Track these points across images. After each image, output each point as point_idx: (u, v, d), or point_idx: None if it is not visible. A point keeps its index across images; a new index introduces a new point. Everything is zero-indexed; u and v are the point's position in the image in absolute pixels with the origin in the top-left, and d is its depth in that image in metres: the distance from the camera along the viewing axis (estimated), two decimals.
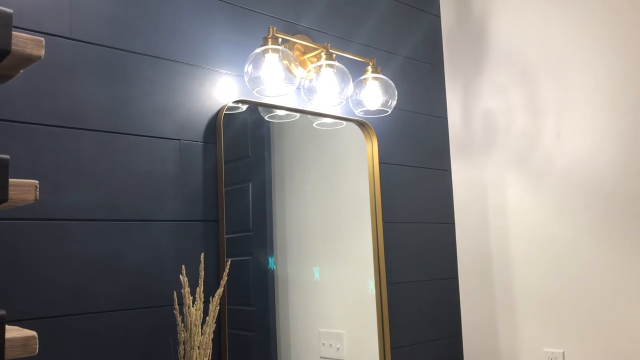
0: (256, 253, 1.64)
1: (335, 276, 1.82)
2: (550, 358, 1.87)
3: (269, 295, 1.64)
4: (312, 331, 1.73)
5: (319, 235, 1.81)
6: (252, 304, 1.61)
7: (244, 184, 1.65)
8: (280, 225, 1.70)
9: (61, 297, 1.22)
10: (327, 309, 1.78)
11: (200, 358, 1.23)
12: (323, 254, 1.81)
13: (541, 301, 1.91)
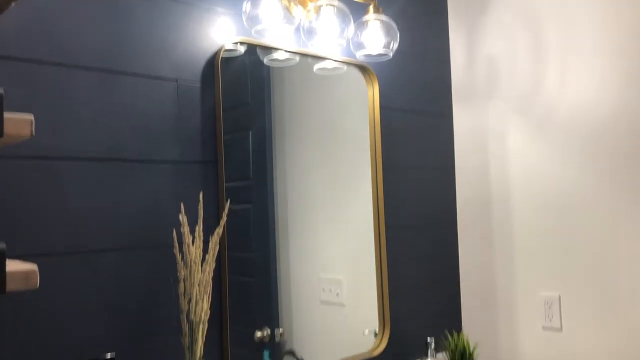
0: (256, 201, 1.65)
1: (335, 223, 1.83)
2: (547, 301, 1.89)
3: (269, 242, 1.65)
4: (312, 277, 1.75)
5: (320, 182, 1.81)
6: (253, 251, 1.62)
7: (243, 132, 1.64)
8: (281, 173, 1.69)
9: (61, 236, 1.22)
10: (327, 255, 1.79)
11: (200, 295, 1.24)
12: (323, 201, 1.81)
13: (539, 247, 1.92)
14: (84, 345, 1.24)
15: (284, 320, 1.66)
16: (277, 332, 1.64)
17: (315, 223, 1.77)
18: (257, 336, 1.60)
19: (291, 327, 1.67)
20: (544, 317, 1.90)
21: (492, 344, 2.04)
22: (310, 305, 1.73)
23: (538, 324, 1.92)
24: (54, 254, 1.21)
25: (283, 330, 1.65)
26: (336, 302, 1.81)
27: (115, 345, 1.29)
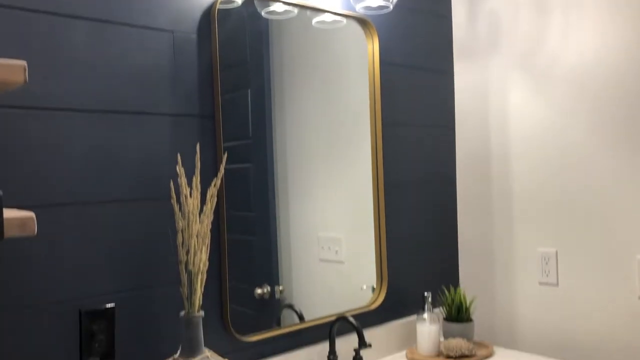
0: (256, 160, 1.64)
1: (334, 181, 1.83)
2: (544, 257, 1.91)
3: (269, 201, 1.66)
4: (312, 235, 1.76)
5: (319, 140, 1.80)
6: (253, 210, 1.62)
7: (242, 91, 1.62)
8: (280, 132, 1.68)
9: (57, 187, 1.22)
10: (326, 213, 1.80)
11: (198, 246, 1.25)
12: (323, 160, 1.81)
13: (538, 203, 1.93)
14: (83, 295, 1.26)
15: (284, 277, 1.68)
16: (277, 289, 1.66)
17: (314, 182, 1.77)
18: (257, 293, 1.62)
19: (291, 284, 1.69)
20: (541, 272, 1.91)
21: (488, 299, 2.07)
22: (309, 263, 1.75)
23: (535, 279, 1.94)
24: (51, 205, 1.21)
25: (283, 288, 1.67)
26: (335, 260, 1.82)
27: (115, 296, 1.31)
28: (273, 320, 1.65)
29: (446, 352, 1.79)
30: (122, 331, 1.31)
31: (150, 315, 1.36)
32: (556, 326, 1.88)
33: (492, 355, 1.84)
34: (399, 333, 1.91)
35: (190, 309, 1.26)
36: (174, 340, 1.39)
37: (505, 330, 2.02)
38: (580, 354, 1.82)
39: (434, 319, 1.82)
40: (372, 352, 1.82)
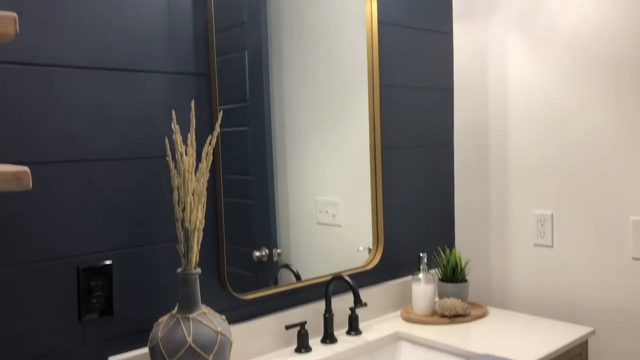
0: (253, 123, 1.63)
1: (332, 144, 1.82)
2: (539, 219, 1.92)
3: (266, 165, 1.65)
4: (309, 199, 1.76)
5: (317, 103, 1.79)
6: (251, 174, 1.62)
7: (239, 52, 1.60)
8: (278, 94, 1.67)
9: (51, 144, 1.22)
10: (323, 177, 1.80)
11: (194, 204, 1.25)
12: (320, 123, 1.80)
13: (534, 166, 1.93)
14: (80, 253, 1.27)
15: (282, 241, 1.69)
16: (275, 252, 1.67)
17: (312, 145, 1.77)
18: (255, 255, 1.63)
19: (289, 247, 1.70)
20: (536, 234, 1.93)
21: (483, 261, 2.09)
22: (307, 226, 1.75)
23: (530, 241, 1.95)
24: (46, 162, 1.21)
25: (281, 251, 1.68)
26: (332, 223, 1.83)
27: (112, 253, 1.32)
28: (270, 280, 1.66)
29: (441, 311, 1.81)
30: (119, 288, 1.33)
31: (148, 273, 1.38)
32: (550, 287, 1.90)
33: (486, 315, 1.87)
34: (394, 293, 1.94)
35: (187, 266, 1.27)
36: (171, 297, 1.41)
37: (500, 291, 2.04)
38: (574, 315, 1.84)
39: (429, 279, 1.84)
40: (367, 312, 1.85)
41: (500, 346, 1.57)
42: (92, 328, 1.29)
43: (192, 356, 1.20)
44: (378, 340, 1.70)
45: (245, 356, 1.54)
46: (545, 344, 1.57)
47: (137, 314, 1.36)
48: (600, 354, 1.79)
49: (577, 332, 1.67)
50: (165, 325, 1.25)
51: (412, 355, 1.70)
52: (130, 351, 1.34)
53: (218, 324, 1.26)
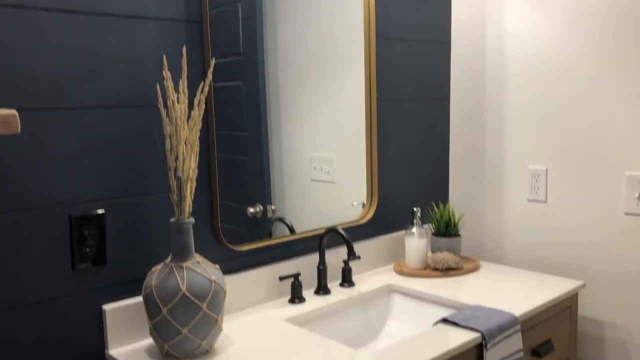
0: (247, 77, 1.60)
1: (327, 99, 1.80)
2: (534, 174, 1.92)
3: (261, 121, 1.64)
4: (304, 156, 1.75)
5: (312, 57, 1.75)
6: (245, 130, 1.60)
7: (232, 5, 1.56)
8: (272, 47, 1.64)
9: (40, 90, 1.19)
10: (318, 134, 1.78)
11: (187, 153, 1.24)
12: (315, 77, 1.77)
13: (530, 121, 1.92)
14: (73, 201, 1.26)
15: (276, 198, 1.68)
16: (270, 208, 1.67)
17: (306, 100, 1.74)
18: (249, 212, 1.63)
19: (283, 204, 1.70)
20: (530, 189, 1.93)
21: (477, 216, 2.10)
22: (301, 183, 1.75)
23: (524, 196, 1.96)
24: (36, 108, 1.19)
25: (275, 208, 1.68)
26: (327, 180, 1.82)
27: (105, 202, 1.31)
28: (264, 233, 1.67)
29: (433, 264, 1.83)
30: (113, 237, 1.33)
31: (141, 222, 1.37)
32: (542, 242, 1.92)
33: (478, 268, 1.89)
34: (387, 247, 1.95)
35: (180, 215, 1.27)
36: (165, 247, 1.41)
37: (493, 245, 2.06)
38: (565, 269, 1.87)
39: (423, 233, 1.85)
40: (361, 265, 1.86)
41: (492, 298, 1.59)
42: (86, 277, 1.29)
43: (186, 304, 1.21)
44: (371, 292, 1.72)
45: (239, 306, 1.55)
46: (536, 297, 1.60)
47: (131, 263, 1.36)
48: (590, 306, 1.81)
49: (568, 285, 1.69)
50: (159, 274, 1.25)
51: (404, 306, 1.72)
52: (124, 300, 1.35)
53: (212, 273, 1.27)
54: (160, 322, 1.22)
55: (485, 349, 1.35)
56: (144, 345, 1.34)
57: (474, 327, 1.37)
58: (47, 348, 1.24)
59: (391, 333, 1.68)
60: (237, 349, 1.31)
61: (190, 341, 1.23)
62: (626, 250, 1.72)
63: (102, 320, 1.32)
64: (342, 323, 1.63)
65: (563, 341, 1.69)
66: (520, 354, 1.45)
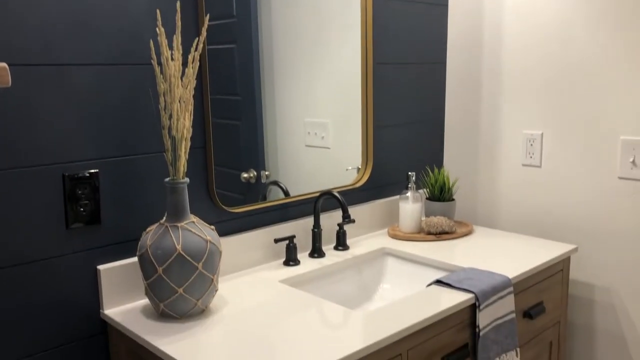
0: (240, 40, 1.57)
1: (322, 63, 1.77)
2: (529, 139, 1.92)
3: (254, 85, 1.61)
4: (298, 121, 1.73)
5: (306, 20, 1.72)
6: (238, 94, 1.58)
7: None
8: (265, 9, 1.60)
9: (31, 46, 1.17)
10: (313, 98, 1.76)
11: (181, 112, 1.22)
12: (310, 41, 1.74)
13: (526, 86, 1.90)
14: (66, 161, 1.24)
15: (270, 163, 1.67)
16: (263, 174, 1.66)
17: (301, 64, 1.72)
18: (243, 177, 1.62)
19: (277, 170, 1.69)
20: (525, 154, 1.93)
21: (472, 180, 2.10)
22: (295, 149, 1.73)
23: (518, 160, 1.96)
24: (27, 64, 1.17)
25: (269, 173, 1.67)
26: (321, 146, 1.81)
27: (99, 162, 1.29)
28: (259, 197, 1.66)
29: (427, 228, 1.83)
30: (107, 197, 1.32)
31: (136, 182, 1.36)
32: (536, 207, 1.93)
33: (471, 232, 1.90)
34: (382, 211, 1.95)
35: (174, 175, 1.26)
36: (160, 208, 1.41)
37: (486, 210, 2.07)
38: (558, 233, 1.88)
39: (417, 197, 1.85)
40: (355, 229, 1.87)
41: (484, 262, 1.60)
42: (80, 237, 1.28)
43: (182, 264, 1.21)
44: (365, 255, 1.72)
45: (235, 268, 1.56)
46: (528, 260, 1.61)
47: (126, 224, 1.36)
48: (582, 270, 1.84)
49: (560, 249, 1.71)
50: (153, 234, 1.25)
51: (398, 269, 1.74)
52: (120, 260, 1.35)
53: (207, 233, 1.26)
54: (155, 282, 1.22)
55: (478, 309, 1.37)
56: (139, 305, 1.35)
57: (467, 289, 1.38)
58: (43, 308, 1.24)
59: (385, 295, 1.69)
60: (232, 309, 1.32)
61: (186, 300, 1.23)
62: (619, 215, 1.74)
63: (97, 281, 1.32)
64: (336, 285, 1.64)
65: (554, 303, 1.71)
66: (513, 315, 1.46)
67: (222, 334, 1.18)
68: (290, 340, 1.14)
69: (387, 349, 1.18)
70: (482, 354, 1.39)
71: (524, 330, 1.59)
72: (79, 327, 1.30)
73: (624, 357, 1.77)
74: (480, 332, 1.38)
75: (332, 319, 1.25)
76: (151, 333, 1.19)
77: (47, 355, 1.26)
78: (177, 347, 1.13)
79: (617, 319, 1.77)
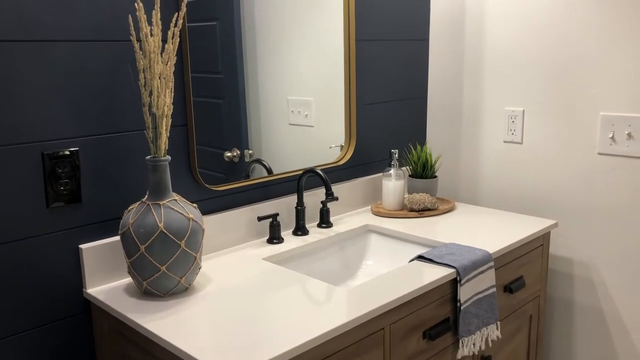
0: (222, 16, 1.55)
1: (305, 40, 1.76)
2: (511, 116, 1.93)
3: (237, 62, 1.59)
4: (281, 99, 1.72)
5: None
6: (220, 72, 1.56)
7: None
8: None
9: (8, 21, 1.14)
10: (296, 76, 1.75)
11: (162, 89, 1.21)
12: (293, 18, 1.72)
13: (508, 63, 1.91)
14: (45, 138, 1.23)
15: (253, 142, 1.66)
16: (247, 153, 1.65)
17: (284, 42, 1.70)
18: (226, 156, 1.61)
19: (260, 148, 1.68)
20: (507, 131, 1.94)
21: (454, 158, 2.11)
22: (279, 127, 1.73)
23: (500, 137, 1.97)
24: (3, 40, 1.14)
25: (252, 152, 1.66)
26: (305, 124, 1.80)
27: (79, 139, 1.28)
28: (242, 175, 1.66)
29: (410, 205, 1.85)
30: (88, 176, 1.30)
31: (117, 161, 1.35)
32: (517, 183, 1.95)
33: (453, 209, 1.92)
34: (365, 189, 1.96)
35: (156, 153, 1.25)
36: (142, 186, 1.40)
37: (468, 187, 2.09)
38: (539, 209, 1.90)
39: (400, 175, 1.86)
40: (338, 207, 1.88)
41: (466, 237, 1.62)
42: (62, 216, 1.27)
43: (164, 242, 1.21)
44: (348, 232, 1.73)
45: (218, 246, 1.56)
46: (509, 235, 1.63)
47: (107, 202, 1.35)
48: (562, 244, 1.87)
49: (540, 224, 1.73)
50: (135, 212, 1.24)
51: (380, 246, 1.75)
52: (102, 239, 1.34)
53: (190, 211, 1.26)
54: (138, 260, 1.22)
55: (459, 284, 1.39)
56: (122, 284, 1.35)
57: (448, 264, 1.40)
58: (24, 287, 1.23)
59: (368, 271, 1.71)
60: (216, 286, 1.32)
61: (169, 278, 1.24)
62: (598, 191, 1.76)
63: (80, 260, 1.31)
64: (319, 262, 1.65)
65: (534, 278, 1.74)
66: (493, 289, 1.49)
67: (206, 311, 1.19)
68: (274, 316, 1.15)
69: (369, 323, 1.20)
70: (463, 327, 1.41)
71: (504, 304, 1.62)
72: (62, 306, 1.30)
73: (602, 330, 1.82)
74: (462, 306, 1.40)
75: (315, 295, 1.26)
76: (134, 311, 1.20)
77: (30, 334, 1.25)
78: (160, 324, 1.13)
79: (595, 293, 1.81)
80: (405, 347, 1.30)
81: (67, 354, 1.32)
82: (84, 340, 1.34)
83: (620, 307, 1.77)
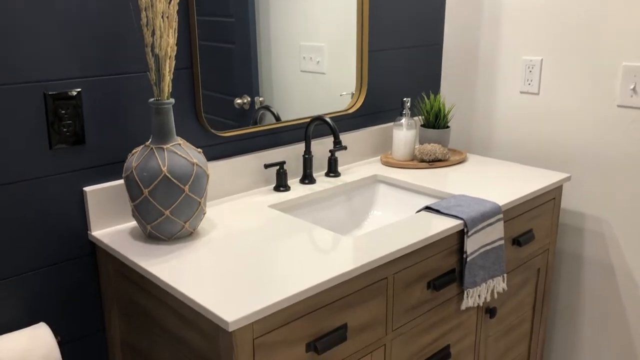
0: None
1: None
2: (528, 65, 1.86)
3: (248, 6, 1.54)
4: (293, 45, 1.67)
5: None
6: (232, 15, 1.51)
7: None
8: None
9: None
10: (308, 20, 1.69)
11: (164, 28, 1.17)
12: None
13: (527, 10, 1.83)
14: (47, 79, 1.20)
15: (264, 89, 1.63)
16: (257, 99, 1.62)
17: None
18: (236, 102, 1.58)
19: (271, 95, 1.64)
20: (523, 81, 1.88)
21: (468, 107, 2.06)
22: (290, 74, 1.68)
23: (516, 88, 1.91)
24: None
25: (263, 99, 1.63)
26: (316, 71, 1.76)
27: (82, 81, 1.25)
28: (250, 121, 1.63)
29: (420, 156, 1.81)
30: (91, 118, 1.28)
31: (121, 103, 1.33)
32: (531, 135, 1.90)
33: (465, 160, 1.88)
34: (375, 138, 1.92)
35: (159, 96, 1.22)
36: (146, 130, 1.38)
37: (482, 138, 2.04)
38: (554, 162, 1.86)
39: (411, 124, 1.82)
40: (347, 156, 1.85)
41: (476, 189, 1.59)
42: (65, 158, 1.26)
43: (168, 186, 1.20)
44: (356, 181, 1.71)
45: (224, 193, 1.55)
46: (521, 188, 1.60)
47: (111, 145, 1.33)
48: (575, 198, 1.83)
49: (553, 177, 1.69)
50: (139, 156, 1.22)
51: (389, 196, 1.73)
52: (106, 182, 1.33)
53: (194, 156, 1.24)
54: (141, 204, 1.21)
55: (466, 235, 1.37)
56: (127, 227, 1.35)
57: (456, 215, 1.38)
58: (30, 228, 1.24)
59: (375, 221, 1.70)
60: (221, 232, 1.32)
61: (173, 222, 1.23)
62: (616, 144, 1.71)
63: (84, 202, 1.31)
64: (326, 211, 1.64)
65: (544, 232, 1.72)
66: (501, 242, 1.47)
67: (210, 256, 1.19)
68: (279, 262, 1.15)
69: (372, 272, 1.19)
70: (468, 278, 1.40)
71: (512, 257, 1.60)
72: (68, 248, 1.30)
73: (611, 285, 1.80)
74: (468, 257, 1.39)
75: (321, 244, 1.25)
76: (139, 254, 1.20)
77: (35, 274, 1.27)
78: (164, 267, 1.13)
79: (605, 247, 1.79)
80: (409, 296, 1.29)
81: (74, 294, 1.33)
82: (90, 281, 1.36)
83: (631, 262, 1.74)
